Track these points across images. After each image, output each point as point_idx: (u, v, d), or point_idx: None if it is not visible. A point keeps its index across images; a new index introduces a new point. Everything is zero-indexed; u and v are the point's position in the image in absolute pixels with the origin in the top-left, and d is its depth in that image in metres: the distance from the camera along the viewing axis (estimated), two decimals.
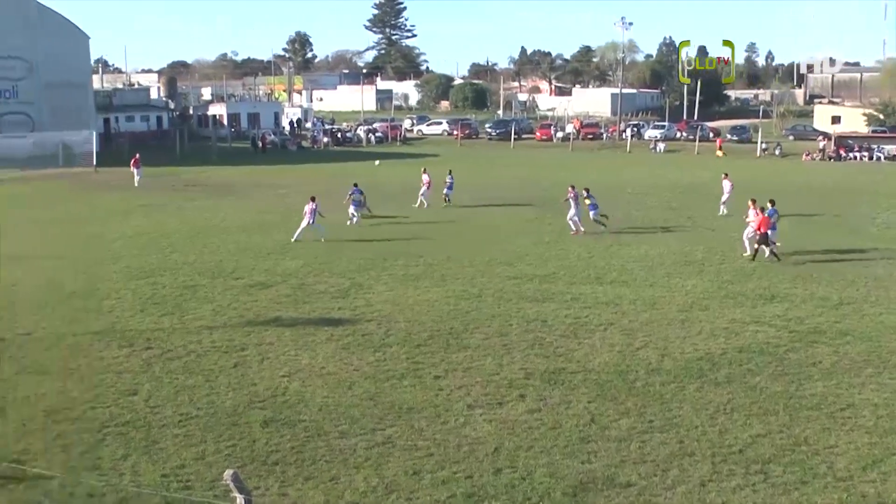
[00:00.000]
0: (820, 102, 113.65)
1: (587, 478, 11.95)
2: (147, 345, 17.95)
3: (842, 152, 69.22)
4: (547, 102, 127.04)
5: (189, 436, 13.34)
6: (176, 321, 19.81)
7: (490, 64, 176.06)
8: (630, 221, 34.74)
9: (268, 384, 15.61)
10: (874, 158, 68.07)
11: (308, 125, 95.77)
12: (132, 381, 15.73)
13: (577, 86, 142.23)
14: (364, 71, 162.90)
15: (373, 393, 15.19)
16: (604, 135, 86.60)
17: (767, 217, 26.60)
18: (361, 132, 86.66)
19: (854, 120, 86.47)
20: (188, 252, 28.23)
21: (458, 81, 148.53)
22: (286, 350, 17.61)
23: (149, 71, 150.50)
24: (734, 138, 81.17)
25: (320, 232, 29.75)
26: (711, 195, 38.65)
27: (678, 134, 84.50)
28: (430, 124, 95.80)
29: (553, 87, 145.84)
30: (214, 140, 74.58)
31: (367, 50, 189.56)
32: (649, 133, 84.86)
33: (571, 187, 32.41)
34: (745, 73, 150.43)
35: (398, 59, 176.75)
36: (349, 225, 33.33)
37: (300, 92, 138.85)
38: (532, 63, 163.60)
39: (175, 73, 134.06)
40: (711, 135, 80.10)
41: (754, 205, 27.85)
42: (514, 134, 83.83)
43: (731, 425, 13.75)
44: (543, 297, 21.97)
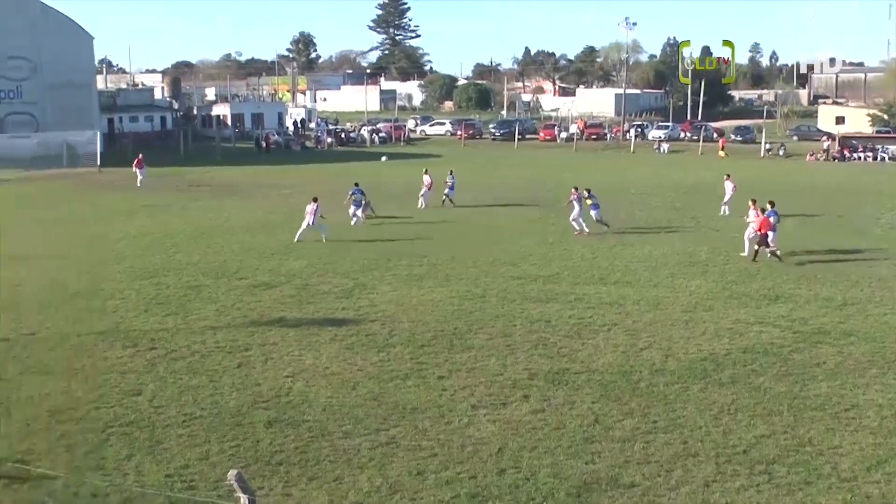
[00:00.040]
0: (824, 103, 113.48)
1: (591, 478, 11.95)
2: (151, 345, 17.97)
3: (846, 153, 69.15)
4: (551, 103, 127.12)
5: (193, 436, 13.36)
6: (180, 321, 19.83)
7: (494, 64, 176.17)
8: (634, 222, 34.73)
9: (272, 384, 15.62)
10: (878, 159, 67.97)
11: (312, 125, 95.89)
12: (136, 382, 15.74)
13: (581, 86, 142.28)
14: (368, 71, 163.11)
15: (376, 393, 15.19)
16: (607, 135, 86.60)
17: (767, 218, 26.57)
18: (365, 132, 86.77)
19: (858, 120, 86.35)
20: (192, 252, 28.26)
21: (462, 82, 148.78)
22: (290, 350, 17.61)
23: (153, 71, 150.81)
24: (738, 139, 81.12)
25: (322, 232, 29.78)
26: (715, 195, 38.60)
27: (682, 134, 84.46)
28: (433, 124, 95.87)
29: (557, 88, 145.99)
30: (218, 140, 74.62)
31: (371, 50, 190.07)
32: (653, 133, 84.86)
33: (574, 189, 32.43)
34: (749, 74, 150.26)
35: (402, 60, 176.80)
36: (352, 225, 33.38)
37: (304, 92, 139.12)
38: (536, 63, 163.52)
39: (179, 74, 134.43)
40: (715, 135, 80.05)
41: (754, 205, 27.82)
42: (518, 134, 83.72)
43: (735, 426, 13.73)
44: (547, 298, 21.96)
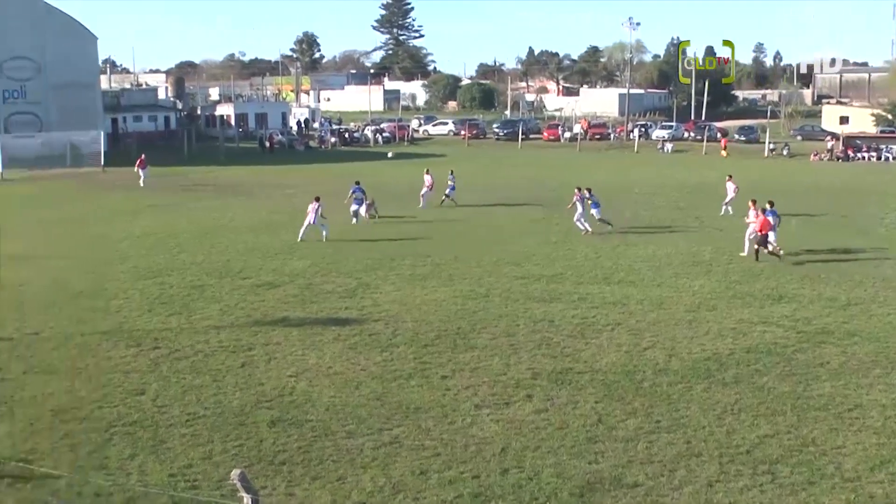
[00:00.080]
0: (828, 103, 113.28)
1: (594, 478, 11.94)
2: (155, 344, 17.98)
3: (850, 153, 69.07)
4: (554, 103, 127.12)
5: (196, 435, 13.36)
6: (183, 321, 19.85)
7: (497, 64, 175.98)
8: (638, 221, 34.71)
9: (275, 384, 15.62)
10: (882, 159, 67.87)
11: (315, 125, 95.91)
12: (140, 381, 15.76)
13: (585, 86, 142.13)
14: (371, 71, 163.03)
15: (380, 393, 15.19)
16: (611, 135, 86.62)
17: (767, 218, 26.54)
18: (369, 132, 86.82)
19: (862, 120, 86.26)
20: (196, 252, 28.28)
21: (466, 82, 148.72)
22: (293, 350, 17.62)
23: (156, 71, 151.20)
24: (742, 138, 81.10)
25: (323, 231, 29.82)
26: (719, 195, 38.54)
27: (686, 134, 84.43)
28: (437, 124, 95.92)
29: (560, 88, 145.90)
30: (222, 140, 74.74)
31: (375, 50, 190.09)
32: (657, 133, 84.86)
33: (577, 189, 32.45)
34: (753, 74, 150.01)
35: (406, 60, 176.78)
36: (353, 224, 33.40)
37: (308, 92, 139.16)
38: (539, 63, 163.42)
39: (183, 74, 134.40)
40: (719, 135, 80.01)
41: (755, 205, 27.80)
42: (522, 134, 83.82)
43: (739, 426, 13.72)
44: (551, 298, 21.95)
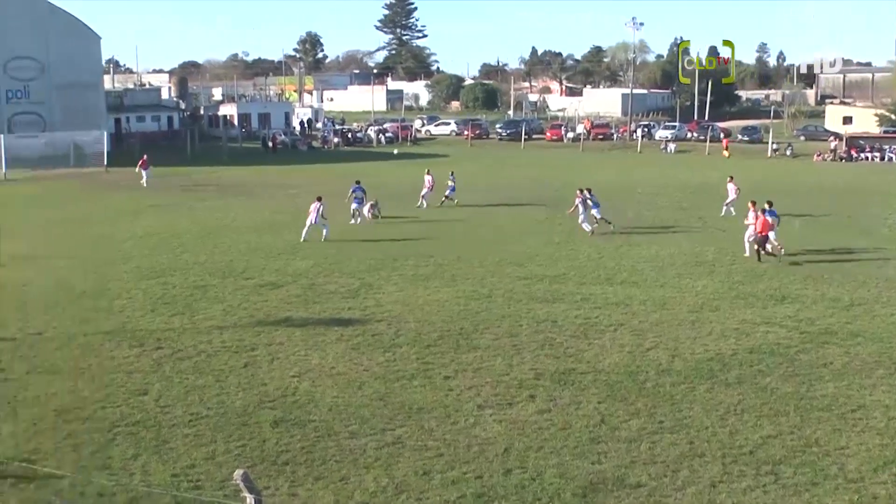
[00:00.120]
0: (831, 103, 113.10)
1: (597, 478, 11.93)
2: (157, 345, 17.99)
3: (853, 153, 68.96)
4: (557, 103, 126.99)
5: (199, 435, 13.37)
6: (186, 321, 19.86)
7: (500, 64, 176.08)
8: (640, 222, 34.69)
9: (278, 384, 15.63)
10: (886, 159, 67.79)
11: (318, 125, 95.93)
12: (142, 381, 15.77)
13: (588, 86, 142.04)
14: (375, 71, 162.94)
15: (383, 393, 15.19)
16: (614, 135, 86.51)
17: (766, 219, 26.53)
18: (372, 132, 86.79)
19: (865, 120, 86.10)
20: (199, 252, 28.30)
21: (469, 82, 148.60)
22: (296, 350, 17.63)
23: (160, 71, 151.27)
24: (745, 139, 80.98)
25: (324, 230, 29.84)
26: (721, 196, 38.51)
27: (689, 134, 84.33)
28: (440, 124, 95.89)
29: (563, 88, 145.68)
30: (225, 140, 74.79)
31: (378, 50, 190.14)
32: (660, 133, 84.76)
33: (579, 191, 32.45)
34: (757, 74, 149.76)
35: (409, 60, 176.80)
36: (353, 224, 33.41)
37: (311, 92, 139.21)
38: (543, 63, 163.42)
39: (186, 74, 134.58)
40: (722, 135, 79.94)
41: (754, 206, 27.75)
42: (525, 134, 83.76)
43: (742, 426, 13.70)
44: (553, 298, 21.94)
